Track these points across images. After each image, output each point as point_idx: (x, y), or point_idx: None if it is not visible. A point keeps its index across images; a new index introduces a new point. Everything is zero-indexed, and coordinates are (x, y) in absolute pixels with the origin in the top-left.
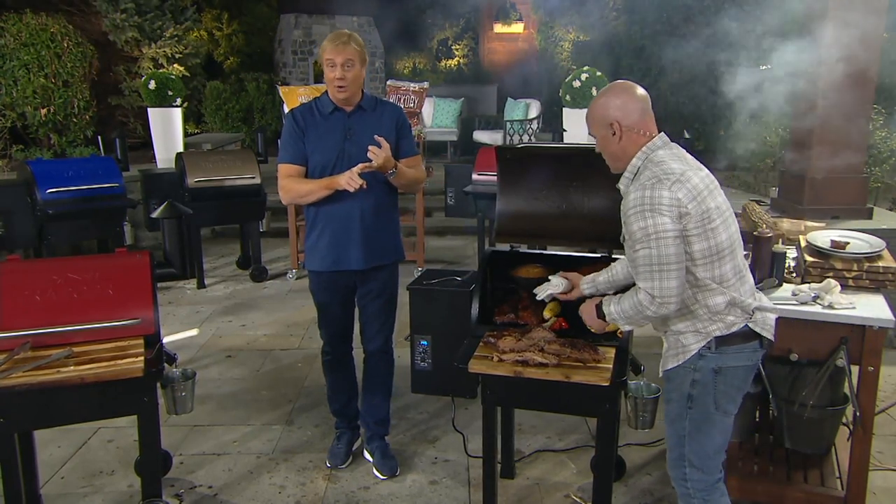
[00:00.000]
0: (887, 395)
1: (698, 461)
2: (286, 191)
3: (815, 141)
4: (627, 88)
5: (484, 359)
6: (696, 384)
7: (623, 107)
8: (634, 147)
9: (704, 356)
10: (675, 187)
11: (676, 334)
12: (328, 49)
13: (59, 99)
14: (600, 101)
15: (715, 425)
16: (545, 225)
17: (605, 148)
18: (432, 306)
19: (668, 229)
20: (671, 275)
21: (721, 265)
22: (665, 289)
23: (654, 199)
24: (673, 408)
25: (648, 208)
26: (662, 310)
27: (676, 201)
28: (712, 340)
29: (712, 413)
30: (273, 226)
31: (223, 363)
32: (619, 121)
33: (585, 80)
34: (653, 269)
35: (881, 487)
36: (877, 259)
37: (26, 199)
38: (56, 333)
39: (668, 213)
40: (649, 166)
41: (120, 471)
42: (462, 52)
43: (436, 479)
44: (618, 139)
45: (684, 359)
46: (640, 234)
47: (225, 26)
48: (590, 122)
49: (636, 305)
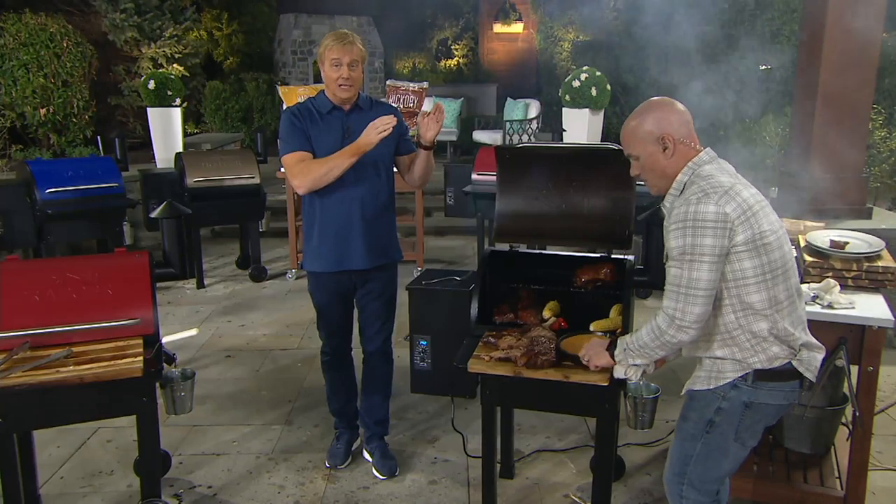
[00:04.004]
0: (887, 395)
1: (699, 484)
2: (304, 174)
3: (815, 141)
4: (670, 102)
5: (483, 359)
6: (721, 412)
7: (672, 120)
8: (683, 161)
9: (738, 387)
10: (723, 201)
11: (714, 360)
12: (334, 49)
13: (58, 99)
14: (646, 118)
15: (728, 455)
16: (544, 225)
17: (654, 165)
18: (432, 306)
19: (706, 253)
20: (698, 300)
21: (775, 286)
22: (688, 313)
23: (699, 215)
24: (688, 427)
25: (691, 226)
26: (681, 335)
27: (723, 216)
28: (751, 373)
29: (730, 443)
30: (272, 226)
31: (222, 363)
32: (672, 134)
33: (585, 80)
34: (679, 291)
35: (881, 487)
36: (876, 259)
37: (25, 199)
38: (55, 333)
39: (713, 231)
40: (696, 181)
41: (119, 471)
42: (462, 51)
43: (435, 479)
44: (670, 154)
45: (716, 384)
46: (675, 251)
47: (224, 26)
48: (632, 142)
49: (653, 330)
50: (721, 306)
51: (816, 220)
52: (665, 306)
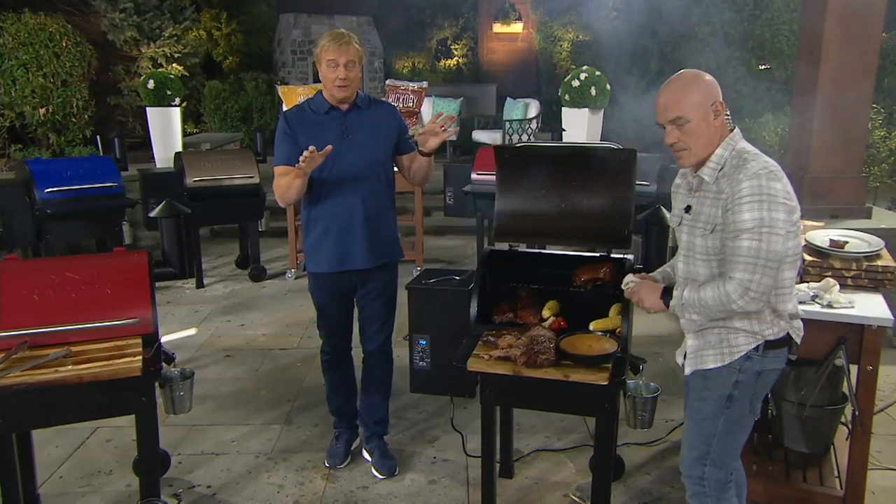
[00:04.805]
0: (886, 395)
1: (720, 460)
2: (277, 192)
3: (814, 140)
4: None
5: (482, 358)
6: (739, 385)
7: (718, 90)
8: (721, 133)
9: (752, 358)
10: (785, 181)
11: (726, 331)
12: (331, 49)
13: (57, 98)
14: (698, 83)
15: (744, 426)
16: (544, 224)
17: (702, 131)
18: (431, 306)
19: (780, 226)
20: (770, 272)
21: (794, 267)
22: (762, 284)
23: (772, 190)
24: (707, 407)
25: (767, 199)
26: (751, 305)
27: (790, 195)
28: (762, 343)
29: (746, 414)
30: (272, 225)
31: (222, 363)
32: (721, 101)
33: (584, 80)
34: (757, 263)
35: (880, 487)
36: (876, 258)
37: (25, 199)
38: (54, 333)
39: (784, 207)
40: (745, 157)
41: (118, 470)
42: (461, 51)
43: (434, 479)
44: (719, 122)
45: (730, 359)
46: (751, 223)
47: (224, 26)
48: (683, 104)
49: (721, 297)
50: None
51: (816, 220)
52: (739, 277)
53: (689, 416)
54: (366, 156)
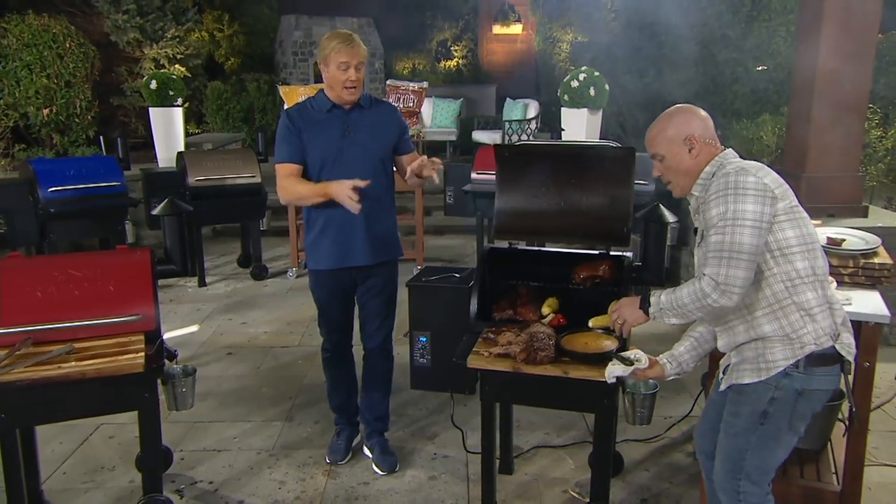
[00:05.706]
0: (883, 391)
1: (757, 476)
2: (285, 191)
3: (812, 140)
4: (692, 108)
5: (482, 355)
6: (775, 402)
7: (695, 123)
8: (708, 158)
9: (791, 375)
10: (761, 174)
11: (762, 345)
12: (343, 51)
13: (61, 99)
14: (671, 121)
15: (781, 444)
16: (543, 222)
17: (678, 165)
18: (431, 303)
19: (748, 218)
20: (740, 264)
21: (815, 258)
22: (731, 276)
23: (739, 183)
24: (741, 422)
25: (732, 192)
26: (724, 299)
27: (763, 185)
28: (802, 360)
29: (784, 432)
30: (273, 224)
31: (224, 360)
32: (695, 134)
33: (583, 81)
34: (722, 256)
35: (877, 483)
36: (872, 256)
37: (28, 198)
38: (57, 329)
39: (753, 198)
40: (726, 165)
41: (121, 466)
42: (461, 52)
43: (435, 475)
44: (695, 154)
45: (767, 375)
46: (716, 219)
47: (226, 27)
48: (657, 143)
49: (696, 292)
50: (769, 276)
51: (813, 218)
52: (709, 272)
53: (723, 429)
54: (366, 154)
